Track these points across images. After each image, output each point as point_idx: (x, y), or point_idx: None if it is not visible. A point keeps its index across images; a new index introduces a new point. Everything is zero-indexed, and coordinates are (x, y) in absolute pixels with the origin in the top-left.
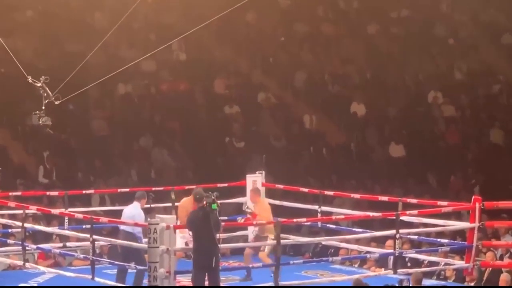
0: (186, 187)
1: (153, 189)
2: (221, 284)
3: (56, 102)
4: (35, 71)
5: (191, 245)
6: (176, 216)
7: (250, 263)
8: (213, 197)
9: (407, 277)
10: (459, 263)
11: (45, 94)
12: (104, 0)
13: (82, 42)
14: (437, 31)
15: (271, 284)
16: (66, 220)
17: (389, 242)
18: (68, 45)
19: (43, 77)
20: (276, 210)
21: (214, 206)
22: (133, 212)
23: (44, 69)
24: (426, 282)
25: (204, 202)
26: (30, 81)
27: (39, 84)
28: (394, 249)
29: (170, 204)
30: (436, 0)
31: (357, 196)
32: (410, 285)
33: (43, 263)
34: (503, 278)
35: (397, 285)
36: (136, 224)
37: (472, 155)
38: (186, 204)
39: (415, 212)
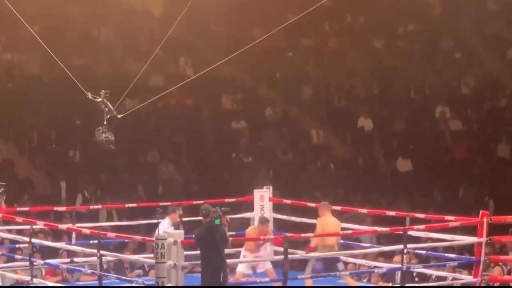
0: (194, 202)
1: (161, 204)
2: None
3: (119, 116)
4: (39, 85)
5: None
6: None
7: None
8: (219, 213)
9: None
10: (467, 277)
11: (107, 109)
12: (109, 14)
13: (87, 56)
14: (444, 45)
15: None
16: (74, 236)
17: (397, 258)
18: (73, 59)
19: (103, 91)
20: (284, 225)
21: (217, 221)
22: (160, 227)
23: (48, 82)
24: None
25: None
26: (90, 97)
27: (99, 99)
28: (402, 264)
29: (177, 220)
30: (442, 14)
31: (364, 211)
32: None
33: (51, 279)
34: None
35: None
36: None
37: (479, 169)
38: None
39: (423, 227)
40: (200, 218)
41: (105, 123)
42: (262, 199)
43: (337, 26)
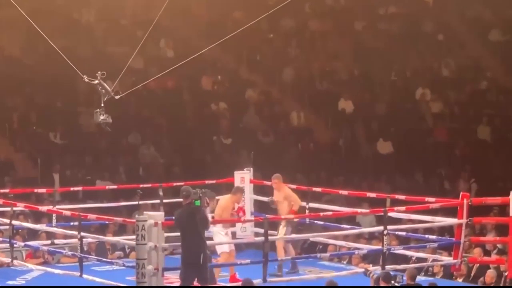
0: (174, 184)
1: (141, 186)
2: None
3: (116, 97)
4: (22, 67)
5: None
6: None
7: (283, 255)
8: (199, 194)
9: (400, 274)
10: (447, 259)
11: (104, 90)
12: None
13: (69, 38)
14: (425, 28)
15: (259, 280)
16: (54, 217)
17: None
18: (54, 41)
19: (99, 72)
20: (264, 207)
21: (197, 202)
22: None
23: (31, 65)
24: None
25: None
26: (86, 80)
27: (96, 81)
28: (382, 245)
29: (158, 201)
30: None
31: (345, 192)
32: (404, 282)
33: (32, 261)
34: (489, 274)
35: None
36: None
37: (459, 151)
38: (224, 202)
39: (403, 208)
40: (181, 199)
41: (102, 105)
42: (243, 181)
43: (318, 8)
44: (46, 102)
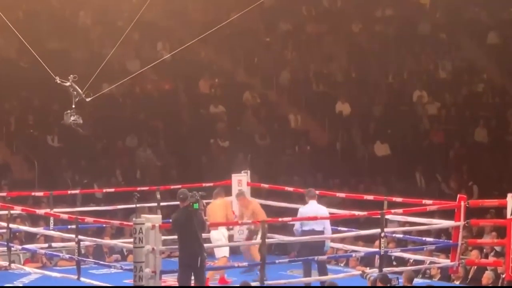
0: (171, 187)
1: (138, 189)
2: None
3: (87, 99)
4: (18, 70)
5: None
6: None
7: (249, 257)
8: (197, 197)
9: (395, 276)
10: (444, 261)
11: (75, 92)
12: None
13: (65, 40)
14: (421, 30)
15: (256, 283)
16: (52, 221)
17: (377, 242)
18: (51, 43)
19: (71, 75)
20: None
21: (195, 205)
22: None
23: (27, 67)
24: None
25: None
26: (58, 81)
27: (67, 83)
28: (380, 247)
29: (155, 204)
30: None
31: (342, 195)
32: (400, 284)
33: (31, 265)
34: (486, 276)
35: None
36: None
37: (456, 153)
38: (214, 206)
39: (400, 210)
40: (178, 202)
41: (73, 106)
42: (240, 183)
43: (315, 11)
44: (43, 104)
